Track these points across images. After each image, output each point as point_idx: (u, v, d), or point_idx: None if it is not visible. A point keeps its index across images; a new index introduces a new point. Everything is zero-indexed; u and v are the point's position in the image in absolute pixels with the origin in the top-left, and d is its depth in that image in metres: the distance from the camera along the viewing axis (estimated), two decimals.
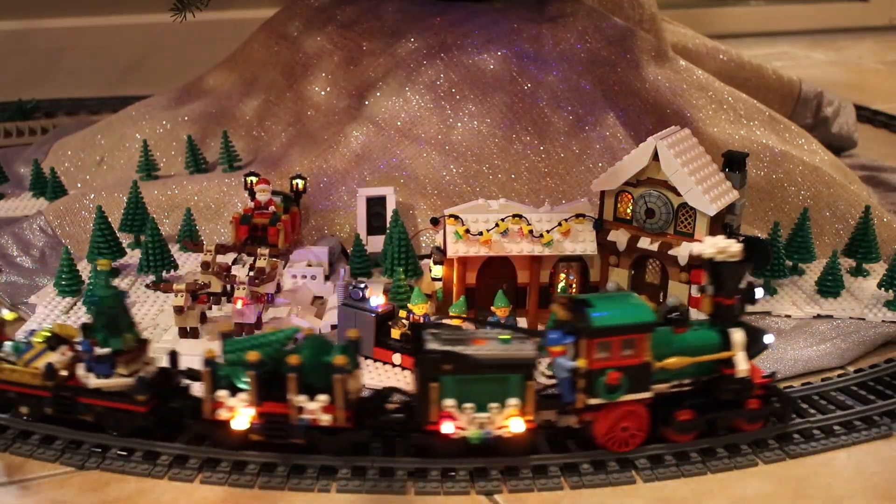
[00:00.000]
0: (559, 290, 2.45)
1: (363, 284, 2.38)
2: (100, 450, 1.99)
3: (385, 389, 2.05)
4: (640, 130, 2.96)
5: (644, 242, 2.37)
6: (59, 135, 3.62)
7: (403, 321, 2.35)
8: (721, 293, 2.01)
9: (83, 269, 2.69)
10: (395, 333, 2.30)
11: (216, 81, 3.43)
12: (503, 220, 2.41)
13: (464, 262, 2.43)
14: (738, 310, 2.02)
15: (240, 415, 1.94)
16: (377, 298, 2.33)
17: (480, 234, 2.40)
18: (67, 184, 3.22)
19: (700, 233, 2.30)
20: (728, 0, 6.28)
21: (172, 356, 2.05)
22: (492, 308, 2.38)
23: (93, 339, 1.98)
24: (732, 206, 2.41)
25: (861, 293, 2.67)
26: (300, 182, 2.78)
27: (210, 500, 1.88)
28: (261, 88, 3.30)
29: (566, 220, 2.43)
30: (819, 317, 2.58)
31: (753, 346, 2.02)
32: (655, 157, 2.31)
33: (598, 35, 3.14)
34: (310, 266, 2.65)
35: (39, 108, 4.07)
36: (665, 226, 2.34)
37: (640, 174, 2.34)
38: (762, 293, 2.05)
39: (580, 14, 3.19)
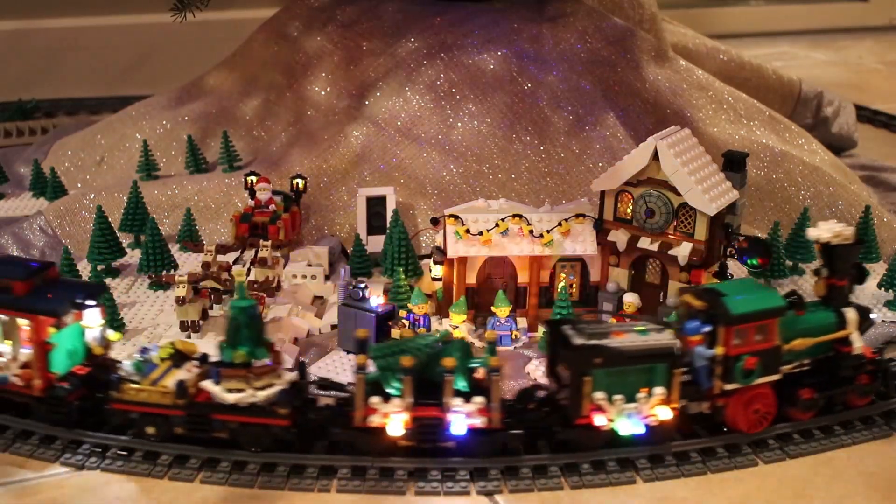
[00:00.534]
0: (559, 290, 2.44)
1: (363, 284, 2.38)
2: (100, 450, 1.99)
3: (530, 387, 2.07)
4: (640, 130, 2.96)
5: (644, 242, 2.37)
6: (59, 135, 3.62)
7: (403, 321, 2.35)
8: (835, 275, 2.10)
9: (83, 269, 2.69)
10: (395, 333, 2.30)
11: (216, 81, 3.43)
12: (503, 220, 2.41)
13: (464, 262, 2.43)
14: (849, 290, 2.13)
15: (394, 420, 1.91)
16: (377, 298, 2.33)
17: (480, 234, 2.40)
18: (67, 184, 3.22)
19: (700, 233, 2.30)
20: (728, 0, 6.28)
21: (301, 367, 2.04)
22: (492, 308, 2.38)
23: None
24: (732, 206, 2.41)
25: (861, 293, 2.67)
26: (300, 182, 2.78)
27: (210, 500, 1.88)
28: (261, 88, 3.30)
29: (566, 220, 2.43)
30: None
31: (864, 324, 2.13)
32: (655, 157, 2.31)
33: (599, 35, 3.14)
34: (310, 266, 2.65)
35: (39, 108, 4.07)
36: (665, 226, 2.34)
37: (640, 174, 2.34)
38: (868, 274, 2.20)
39: (580, 14, 3.19)
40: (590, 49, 3.11)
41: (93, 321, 2.04)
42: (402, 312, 2.38)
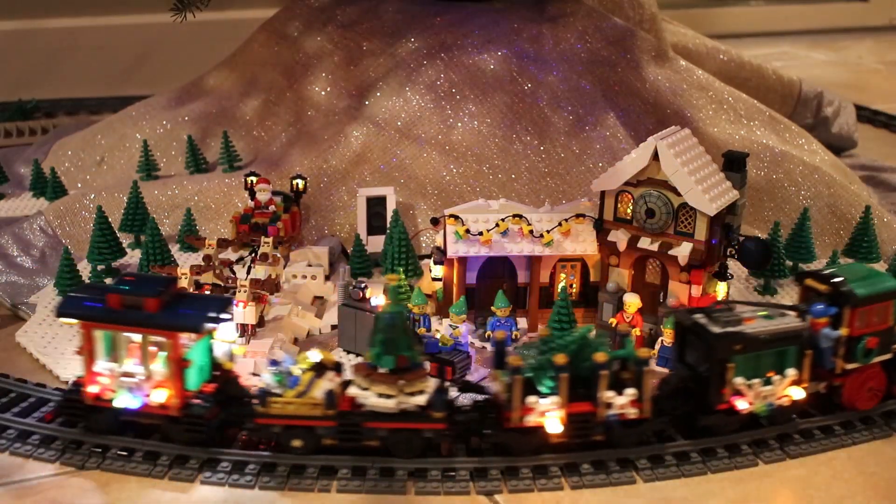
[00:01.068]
0: (559, 290, 2.44)
1: (363, 284, 2.38)
2: (100, 450, 1.98)
3: (672, 376, 2.10)
4: (641, 130, 2.96)
5: (644, 242, 2.37)
6: (60, 135, 3.62)
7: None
8: None
9: (83, 269, 2.69)
10: None
11: (216, 81, 3.43)
12: (503, 220, 2.41)
13: (464, 262, 2.43)
14: None
15: (551, 418, 1.93)
16: (377, 298, 2.32)
17: (480, 234, 2.40)
18: (67, 184, 3.22)
19: (700, 233, 2.30)
20: (728, 0, 6.28)
21: (441, 371, 2.04)
22: (492, 308, 2.38)
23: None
24: (732, 206, 2.41)
25: None
26: (300, 182, 2.78)
27: (210, 500, 1.88)
28: (261, 88, 3.30)
29: (566, 220, 2.43)
30: None
31: None
32: (655, 157, 2.30)
33: (599, 35, 3.14)
34: (310, 266, 2.65)
35: (39, 108, 4.08)
36: (665, 226, 2.34)
37: (641, 174, 2.34)
38: None
39: (580, 14, 3.19)
40: (590, 49, 3.11)
41: (229, 335, 1.99)
42: None
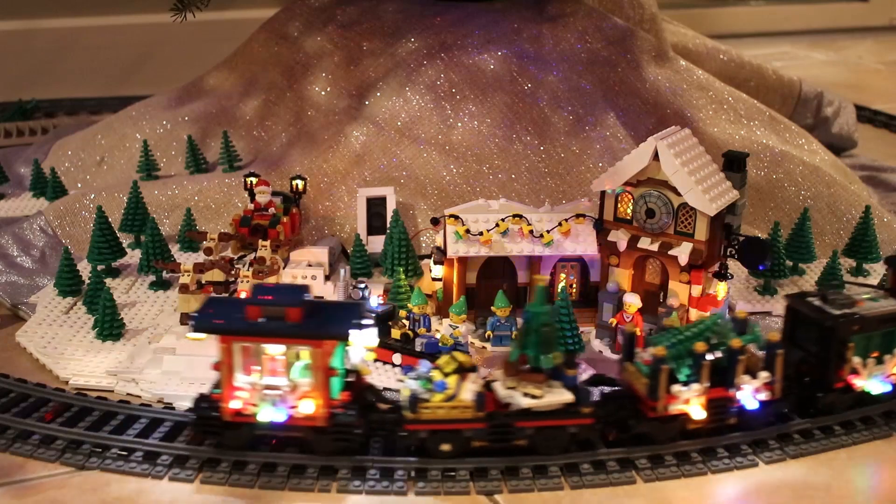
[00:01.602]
0: (559, 290, 2.44)
1: (363, 284, 2.38)
2: (100, 450, 1.99)
3: (802, 357, 2.15)
4: (641, 130, 2.96)
5: (644, 242, 2.37)
6: (60, 135, 3.62)
7: (403, 321, 2.35)
8: None
9: (83, 269, 2.69)
10: (396, 333, 2.30)
11: (216, 81, 3.43)
12: (503, 220, 2.41)
13: (464, 262, 2.43)
14: None
15: (694, 405, 1.99)
16: (377, 298, 2.33)
17: (480, 234, 2.40)
18: (67, 184, 3.22)
19: (700, 233, 2.30)
20: (728, 0, 6.28)
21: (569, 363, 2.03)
22: (492, 308, 2.38)
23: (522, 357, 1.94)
24: (732, 206, 2.41)
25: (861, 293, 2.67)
26: (300, 183, 2.78)
27: (210, 501, 1.88)
28: (261, 88, 3.30)
29: (566, 220, 2.43)
30: None
31: None
32: (656, 157, 2.31)
33: (599, 35, 3.14)
34: (310, 266, 2.65)
35: (39, 108, 4.08)
36: (665, 226, 2.34)
37: (641, 174, 2.34)
38: None
39: (580, 14, 3.19)
40: (590, 49, 3.11)
41: (372, 341, 1.96)
42: (403, 313, 2.37)
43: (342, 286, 2.47)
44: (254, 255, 2.58)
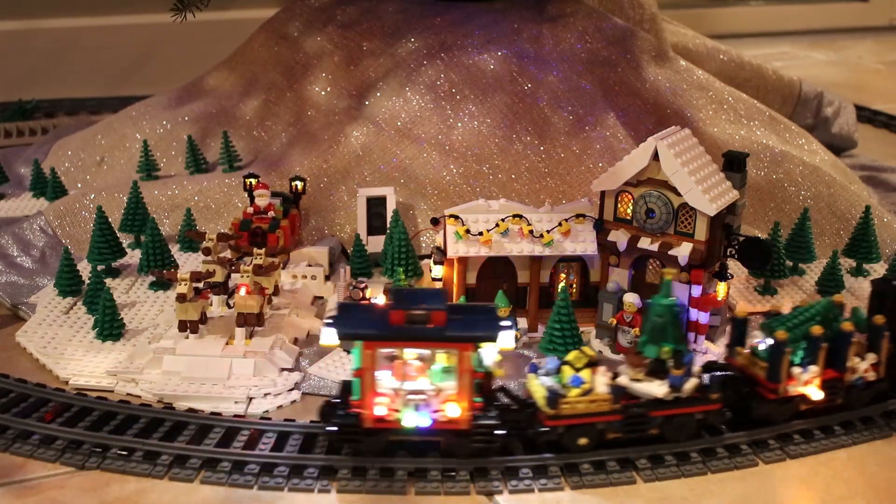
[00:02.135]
0: (559, 290, 2.44)
1: (363, 284, 2.38)
2: (100, 450, 1.99)
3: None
4: (640, 130, 2.96)
5: (644, 242, 2.37)
6: (60, 135, 3.62)
7: None
8: None
9: (83, 269, 2.69)
10: None
11: (216, 81, 3.43)
12: (503, 220, 2.41)
13: (464, 262, 2.43)
14: None
15: (811, 386, 2.08)
16: (377, 298, 2.32)
17: (480, 234, 2.40)
18: (67, 184, 3.22)
19: (700, 233, 2.30)
20: (728, 0, 6.28)
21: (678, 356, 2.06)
22: None
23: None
24: (733, 206, 2.41)
25: (861, 293, 2.67)
26: (299, 183, 2.78)
27: (210, 500, 1.88)
28: (261, 88, 3.30)
29: (566, 220, 2.43)
30: None
31: None
32: (656, 157, 2.31)
33: (599, 35, 3.14)
34: (310, 266, 2.65)
35: (39, 108, 4.08)
36: (665, 226, 2.34)
37: (641, 174, 2.34)
38: None
39: (580, 14, 3.19)
40: (590, 49, 3.11)
41: (509, 343, 1.95)
42: None
43: (342, 286, 2.47)
44: (251, 261, 2.58)
